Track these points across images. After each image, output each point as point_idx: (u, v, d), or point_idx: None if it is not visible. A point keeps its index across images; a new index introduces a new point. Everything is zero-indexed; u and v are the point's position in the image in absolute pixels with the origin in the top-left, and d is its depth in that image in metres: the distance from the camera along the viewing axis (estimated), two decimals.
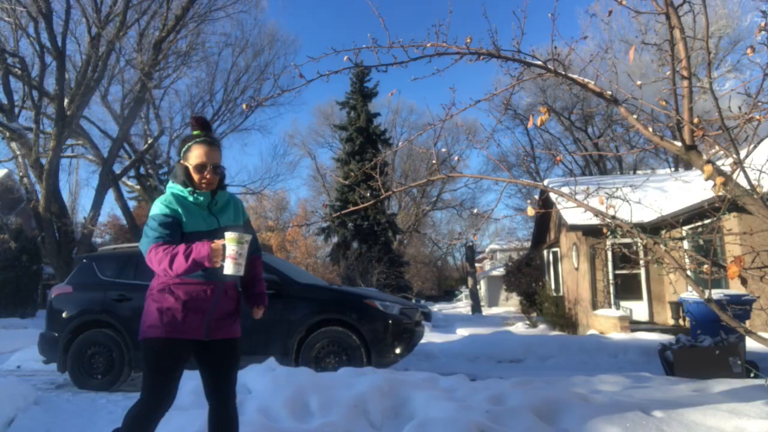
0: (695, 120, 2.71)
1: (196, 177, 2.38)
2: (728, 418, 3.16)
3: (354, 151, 25.88)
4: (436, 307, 28.44)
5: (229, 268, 2.12)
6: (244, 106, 3.88)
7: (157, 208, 2.34)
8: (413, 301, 22.37)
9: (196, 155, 2.38)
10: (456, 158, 13.08)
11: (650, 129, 2.90)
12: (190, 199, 2.39)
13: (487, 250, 43.65)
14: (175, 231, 2.29)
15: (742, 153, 2.64)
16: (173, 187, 2.43)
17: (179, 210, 2.33)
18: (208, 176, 2.37)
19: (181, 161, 2.42)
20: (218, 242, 2.12)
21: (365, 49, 3.03)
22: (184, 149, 2.43)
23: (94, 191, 15.89)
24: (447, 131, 31.52)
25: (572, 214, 11.21)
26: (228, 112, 20.73)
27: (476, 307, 22.91)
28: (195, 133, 2.44)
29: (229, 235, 2.12)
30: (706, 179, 2.60)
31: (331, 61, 3.06)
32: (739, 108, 2.59)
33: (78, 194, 30.24)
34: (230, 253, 2.11)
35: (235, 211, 2.52)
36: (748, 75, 20.65)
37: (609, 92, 3.03)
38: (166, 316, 2.29)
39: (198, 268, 2.16)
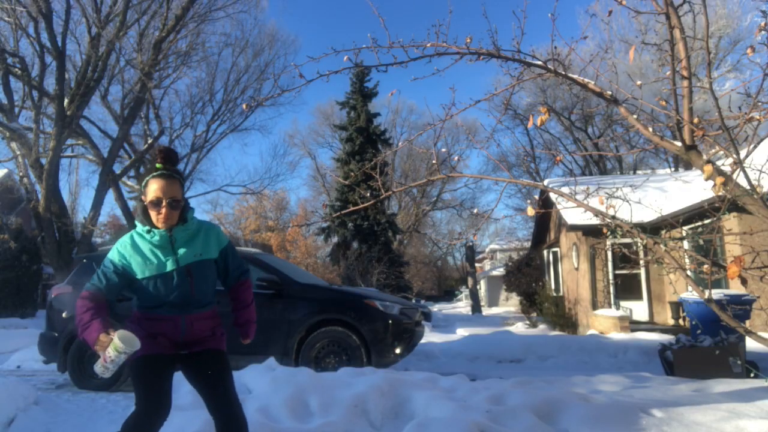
0: (695, 120, 2.71)
1: (152, 213, 2.31)
2: (728, 418, 3.16)
3: (354, 151, 25.88)
4: (436, 307, 28.45)
5: (96, 366, 2.13)
6: (244, 106, 3.88)
7: (112, 252, 2.35)
8: (413, 301, 22.37)
9: (152, 190, 2.29)
10: (456, 158, 13.07)
11: (650, 129, 2.90)
12: (147, 237, 2.33)
13: (487, 250, 43.65)
14: (115, 281, 2.30)
15: (742, 153, 2.64)
16: (136, 228, 2.40)
17: (129, 260, 2.31)
18: (163, 212, 2.28)
19: (142, 197, 2.35)
20: (106, 338, 2.09)
21: (365, 49, 3.03)
22: (143, 184, 2.35)
23: (94, 191, 15.89)
24: (447, 131, 31.54)
25: (572, 214, 11.21)
26: (228, 112, 20.75)
27: (476, 307, 22.91)
28: (158, 165, 2.34)
29: (115, 339, 2.06)
30: (706, 179, 2.60)
31: (331, 61, 3.06)
32: (739, 108, 2.59)
33: (78, 194, 30.27)
34: (104, 355, 2.08)
35: (204, 243, 2.40)
36: (748, 75, 20.65)
37: (609, 92, 3.03)
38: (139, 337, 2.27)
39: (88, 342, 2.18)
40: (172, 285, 2.31)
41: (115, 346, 2.05)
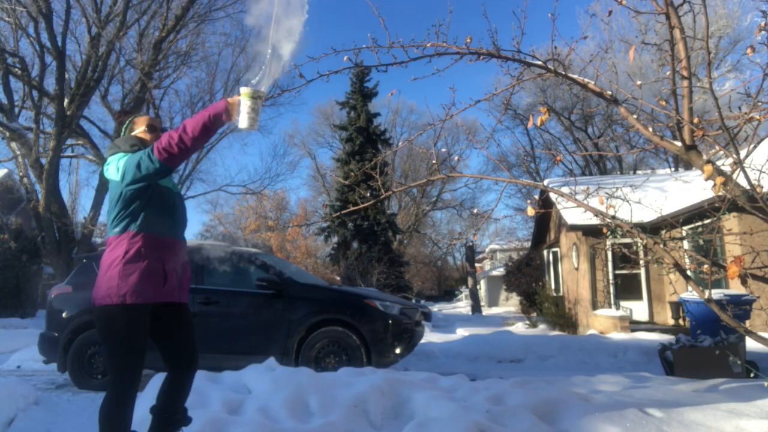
0: (695, 120, 2.71)
1: (150, 138, 2.54)
2: (728, 418, 3.16)
3: (354, 151, 25.87)
4: (436, 307, 28.44)
5: (243, 122, 2.13)
6: None
7: (126, 155, 2.36)
8: (413, 301, 22.36)
9: (142, 121, 2.59)
10: (456, 158, 13.07)
11: (650, 129, 2.90)
12: None
13: (487, 250, 43.64)
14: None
15: (742, 153, 2.64)
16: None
17: None
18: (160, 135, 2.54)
19: (127, 134, 2.58)
20: (234, 97, 2.18)
21: (365, 49, 3.04)
22: (124, 127, 2.61)
23: (94, 191, 15.90)
24: (447, 131, 31.51)
25: (572, 214, 11.21)
26: None
27: (476, 307, 22.91)
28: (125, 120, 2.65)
29: (245, 90, 2.13)
30: (706, 179, 2.60)
31: (331, 60, 3.06)
32: (739, 108, 2.59)
33: (78, 194, 30.26)
34: (245, 108, 2.12)
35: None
36: (748, 75, 20.64)
37: (609, 92, 3.03)
38: (148, 278, 2.30)
39: (213, 127, 2.17)
40: (173, 202, 2.50)
41: (248, 94, 2.11)
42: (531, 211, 3.51)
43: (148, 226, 2.36)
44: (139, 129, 2.57)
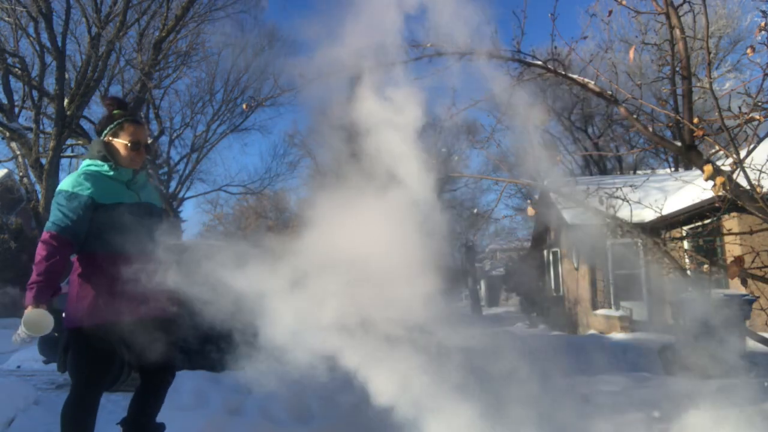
0: (695, 120, 2.71)
1: (128, 154, 2.41)
2: (728, 418, 3.16)
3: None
4: None
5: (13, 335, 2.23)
6: (244, 106, 3.88)
7: (67, 185, 2.32)
8: None
9: (130, 132, 2.42)
10: (456, 158, 13.06)
11: (650, 129, 2.90)
12: (111, 173, 2.38)
13: (487, 250, 43.61)
14: (80, 215, 2.27)
15: (742, 153, 2.64)
16: (90, 164, 2.40)
17: (91, 186, 2.31)
18: (141, 155, 2.44)
19: (107, 138, 2.43)
20: (33, 317, 2.23)
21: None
22: (112, 126, 2.44)
23: None
24: (447, 131, 31.43)
25: (572, 214, 11.20)
26: (228, 112, 20.71)
27: (476, 307, 22.90)
28: (116, 112, 2.47)
29: (24, 317, 2.17)
30: (706, 179, 2.60)
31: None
32: (739, 108, 2.59)
33: None
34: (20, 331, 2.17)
35: (155, 192, 2.61)
36: (748, 75, 20.62)
37: (609, 92, 3.03)
38: (100, 299, 2.36)
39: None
40: (134, 217, 2.33)
41: (23, 323, 2.14)
42: (531, 211, 3.51)
43: (94, 246, 2.33)
44: (122, 140, 2.41)
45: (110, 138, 2.43)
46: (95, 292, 2.31)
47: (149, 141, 2.55)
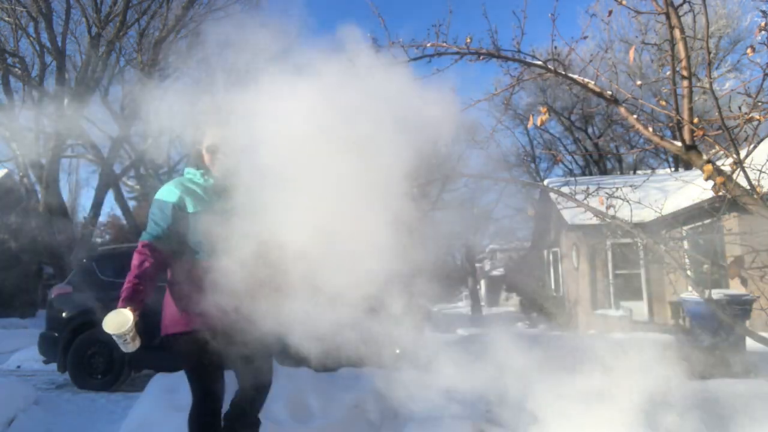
0: (695, 120, 2.71)
1: (208, 158, 2.38)
2: (728, 419, 3.16)
3: None
4: (436, 307, 28.43)
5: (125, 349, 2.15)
6: None
7: (162, 195, 2.34)
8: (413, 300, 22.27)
9: (210, 136, 2.39)
10: (456, 158, 13.05)
11: (650, 129, 2.90)
12: (201, 181, 2.38)
13: (487, 250, 43.60)
14: (173, 223, 2.28)
15: (742, 153, 2.64)
16: (187, 172, 2.44)
17: (182, 195, 2.31)
18: (221, 158, 2.36)
19: (201, 146, 2.42)
20: (109, 315, 2.12)
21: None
22: (206, 135, 2.43)
23: (94, 191, 15.89)
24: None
25: (572, 214, 11.20)
26: None
27: (476, 307, 22.91)
28: (216, 120, 2.46)
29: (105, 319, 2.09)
30: (706, 179, 2.60)
31: None
32: (739, 108, 2.59)
33: (78, 194, 30.26)
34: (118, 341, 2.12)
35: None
36: (748, 75, 20.62)
37: (609, 92, 3.03)
38: (196, 306, 2.28)
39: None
40: (225, 223, 2.27)
41: (106, 325, 2.08)
42: (531, 211, 3.51)
43: (184, 253, 2.35)
44: (204, 145, 2.39)
45: (204, 145, 2.41)
46: (182, 299, 2.30)
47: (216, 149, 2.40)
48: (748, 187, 2.57)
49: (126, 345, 2.10)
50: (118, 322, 2.06)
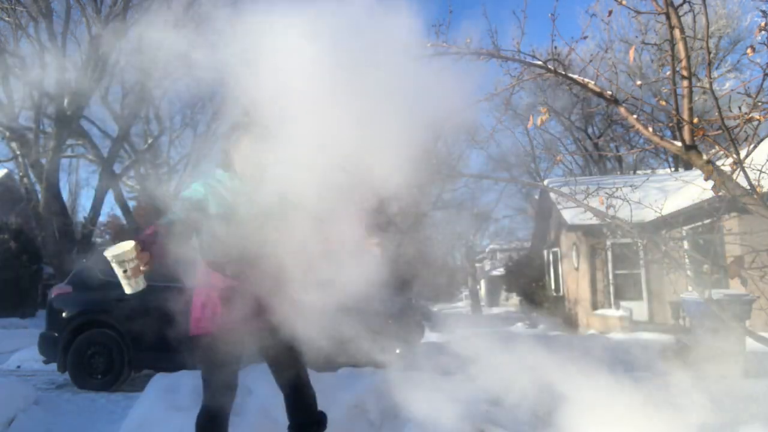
0: (695, 120, 2.71)
1: (244, 163, 2.38)
2: (728, 419, 3.16)
3: None
4: (436, 307, 28.43)
5: (126, 288, 2.00)
6: None
7: (187, 192, 2.35)
8: (413, 300, 22.31)
9: (245, 141, 2.38)
10: (456, 158, 13.06)
11: (650, 129, 2.90)
12: (227, 182, 2.38)
13: (487, 250, 43.60)
14: (192, 213, 2.26)
15: (742, 153, 2.64)
16: (215, 174, 2.43)
17: (207, 194, 2.31)
18: (257, 162, 2.36)
19: (230, 146, 2.42)
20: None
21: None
22: (234, 136, 2.43)
23: (94, 191, 15.90)
24: (447, 131, 31.39)
25: (572, 214, 11.21)
26: (228, 111, 20.66)
27: (476, 307, 22.90)
28: (240, 120, 2.44)
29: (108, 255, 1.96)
30: (706, 179, 2.60)
31: None
32: (739, 108, 2.59)
33: (78, 194, 30.24)
34: (118, 274, 1.97)
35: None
36: (748, 75, 20.63)
37: (609, 92, 3.03)
38: (217, 306, 2.30)
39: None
40: (247, 227, 2.29)
41: (112, 257, 1.95)
42: (531, 211, 3.52)
43: (206, 253, 2.37)
44: (240, 148, 2.39)
45: (232, 147, 2.41)
46: (203, 301, 2.32)
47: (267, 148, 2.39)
48: (748, 187, 2.57)
49: (128, 279, 1.97)
50: (120, 245, 1.96)
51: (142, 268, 1.94)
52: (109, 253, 1.95)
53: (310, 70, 2.17)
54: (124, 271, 1.95)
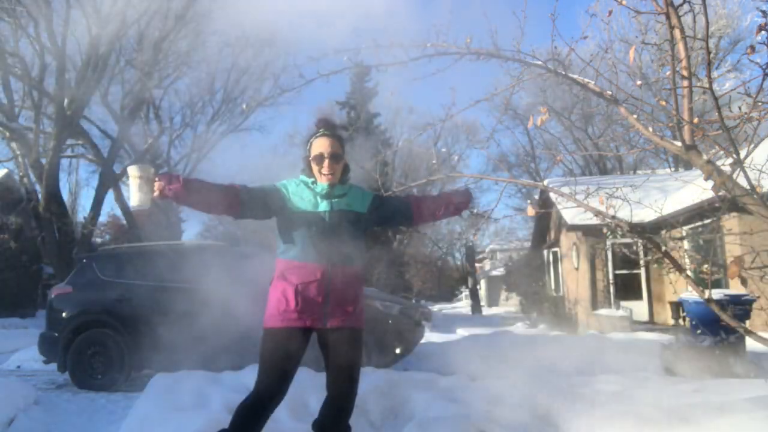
0: (695, 120, 2.70)
1: (315, 168, 2.51)
2: (728, 419, 3.16)
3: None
4: (436, 307, 28.43)
5: (134, 200, 2.40)
6: (243, 106, 3.87)
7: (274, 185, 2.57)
8: (413, 301, 22.35)
9: (315, 147, 2.53)
10: (456, 158, 13.06)
11: (650, 129, 2.90)
12: (309, 185, 2.53)
13: (487, 250, 43.60)
14: (261, 194, 2.51)
15: (742, 153, 2.64)
16: (301, 177, 2.60)
17: (289, 190, 2.51)
18: (326, 164, 2.48)
19: (306, 155, 2.59)
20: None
21: (365, 49, 3.03)
22: (308, 146, 2.59)
23: (94, 191, 15.90)
24: (447, 131, 31.42)
25: (572, 214, 11.20)
26: (228, 112, 20.69)
27: (476, 307, 22.90)
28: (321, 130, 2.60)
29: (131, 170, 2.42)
30: (706, 179, 2.60)
31: (332, 60, 3.06)
32: (739, 108, 2.59)
33: (78, 194, 30.21)
34: (133, 186, 2.37)
35: (353, 197, 2.58)
36: (748, 75, 20.63)
37: (609, 92, 3.03)
38: (281, 303, 2.39)
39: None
40: (322, 226, 2.43)
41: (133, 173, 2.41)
42: (531, 211, 3.52)
43: (283, 253, 2.50)
44: (311, 154, 2.55)
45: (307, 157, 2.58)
46: (277, 295, 2.43)
47: (338, 151, 2.53)
48: (748, 187, 2.57)
49: (140, 189, 2.32)
50: (144, 165, 2.36)
51: (155, 193, 2.22)
52: (133, 166, 2.38)
53: None
54: (138, 185, 2.32)
